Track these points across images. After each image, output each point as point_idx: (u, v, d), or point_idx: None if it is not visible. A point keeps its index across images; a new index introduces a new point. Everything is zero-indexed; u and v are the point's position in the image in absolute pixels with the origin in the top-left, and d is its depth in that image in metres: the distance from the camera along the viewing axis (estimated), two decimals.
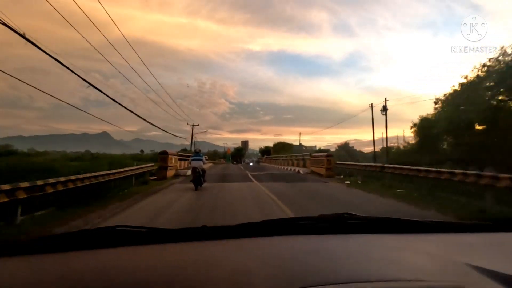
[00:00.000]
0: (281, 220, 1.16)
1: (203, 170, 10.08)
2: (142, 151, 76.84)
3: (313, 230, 1.08)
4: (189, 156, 20.92)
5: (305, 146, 70.02)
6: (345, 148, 45.16)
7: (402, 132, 57.67)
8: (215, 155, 75.95)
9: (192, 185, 9.80)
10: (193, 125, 40.74)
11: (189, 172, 12.26)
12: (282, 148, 64.39)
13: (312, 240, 1.01)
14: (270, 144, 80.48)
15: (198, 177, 9.62)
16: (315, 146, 72.47)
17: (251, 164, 67.04)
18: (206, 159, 14.22)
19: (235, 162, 70.57)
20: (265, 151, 73.46)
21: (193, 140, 40.40)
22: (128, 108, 15.45)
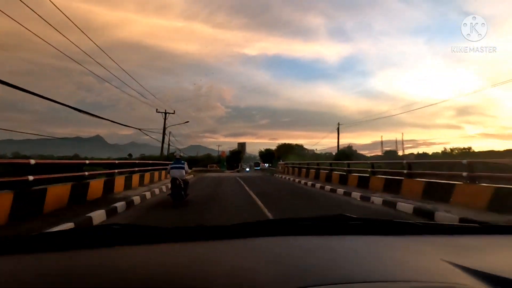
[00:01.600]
0: (279, 220, 1.17)
1: (186, 182, 8.16)
2: (130, 155, 71.70)
3: (311, 231, 1.08)
4: (159, 164, 15.94)
5: (307, 149, 65.09)
6: (348, 152, 44.13)
7: (401, 135, 57.95)
8: (208, 159, 65.00)
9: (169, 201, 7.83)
10: (165, 113, 27.18)
11: None
12: (288, 151, 55.63)
13: (310, 241, 1.02)
14: (269, 147, 69.41)
15: (178, 190, 7.63)
16: (314, 150, 66.76)
17: (247, 170, 57.25)
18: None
19: (237, 169, 60.09)
20: (267, 155, 63.44)
21: (166, 140, 28.29)
22: (113, 120, 14.99)
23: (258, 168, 56.21)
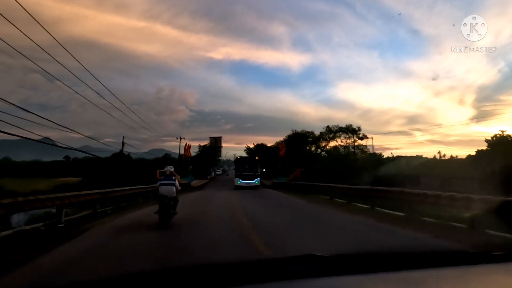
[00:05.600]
0: (236, 264, 1.11)
1: (176, 199, 7.51)
2: (67, 157, 54.98)
3: (276, 276, 0.99)
4: None
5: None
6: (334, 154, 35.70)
7: (371, 140, 57.02)
8: (165, 163, 35.30)
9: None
10: None
11: None
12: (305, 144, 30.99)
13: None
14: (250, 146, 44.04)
15: (166, 209, 7.07)
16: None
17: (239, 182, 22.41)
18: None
19: (209, 176, 40.15)
20: (256, 153, 34.79)
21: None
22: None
23: (253, 182, 22.70)
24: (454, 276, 1.04)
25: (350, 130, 31.57)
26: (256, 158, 25.83)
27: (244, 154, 40.51)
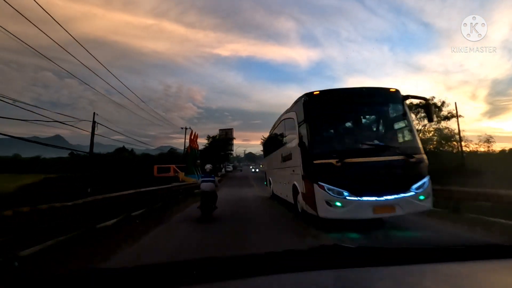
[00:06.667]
0: (263, 255, 1.04)
1: (215, 195, 8.27)
2: (71, 153, 52.40)
3: (301, 266, 0.98)
4: None
5: None
6: None
7: None
8: (170, 158, 38.78)
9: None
10: None
11: None
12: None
13: (301, 278, 0.94)
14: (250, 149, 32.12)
15: (208, 203, 7.85)
16: None
17: None
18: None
19: (220, 173, 35.75)
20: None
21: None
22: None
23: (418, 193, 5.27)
24: (484, 269, 1.01)
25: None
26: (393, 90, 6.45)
27: (253, 151, 30.63)
